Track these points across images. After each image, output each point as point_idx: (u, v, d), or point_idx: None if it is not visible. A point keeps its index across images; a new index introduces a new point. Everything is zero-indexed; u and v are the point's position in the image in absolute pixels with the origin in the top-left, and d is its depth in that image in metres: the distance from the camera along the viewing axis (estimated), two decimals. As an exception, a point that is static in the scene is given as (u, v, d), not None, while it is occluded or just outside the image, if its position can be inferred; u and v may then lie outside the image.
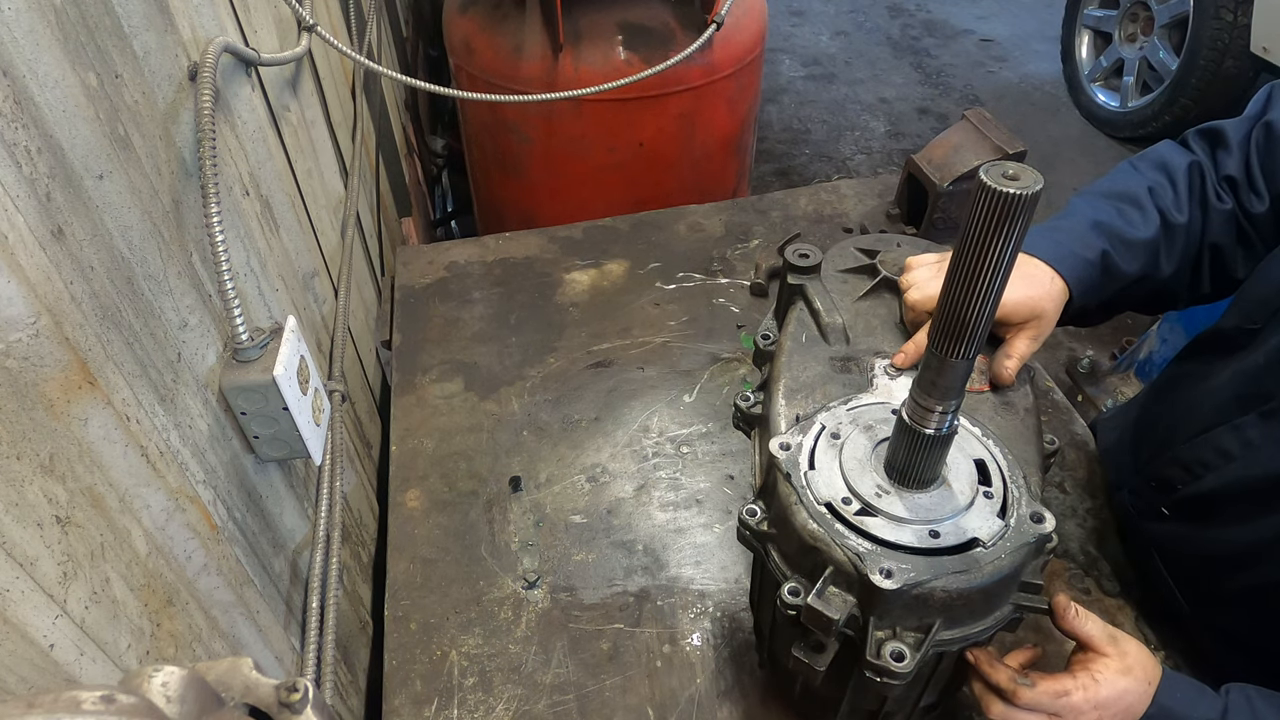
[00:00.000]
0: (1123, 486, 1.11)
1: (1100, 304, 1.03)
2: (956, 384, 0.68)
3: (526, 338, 1.48)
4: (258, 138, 1.06)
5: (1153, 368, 2.75)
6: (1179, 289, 1.06)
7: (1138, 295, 1.05)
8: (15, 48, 0.57)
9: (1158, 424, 1.10)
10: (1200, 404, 1.00)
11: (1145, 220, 1.03)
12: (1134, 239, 1.01)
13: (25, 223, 0.56)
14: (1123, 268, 1.01)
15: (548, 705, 1.01)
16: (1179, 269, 1.03)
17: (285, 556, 1.01)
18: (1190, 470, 0.97)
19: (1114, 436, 1.21)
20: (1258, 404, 0.90)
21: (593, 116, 2.08)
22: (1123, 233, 1.02)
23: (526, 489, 1.24)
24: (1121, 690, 0.80)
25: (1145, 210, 1.03)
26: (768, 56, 4.42)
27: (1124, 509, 1.10)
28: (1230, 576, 0.93)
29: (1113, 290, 1.02)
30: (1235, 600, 0.94)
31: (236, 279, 0.83)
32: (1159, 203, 1.03)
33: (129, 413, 0.67)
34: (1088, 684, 0.80)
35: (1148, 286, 1.04)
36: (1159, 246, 1.02)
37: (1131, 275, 1.01)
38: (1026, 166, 0.56)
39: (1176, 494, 0.99)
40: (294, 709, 0.41)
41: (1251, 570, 0.90)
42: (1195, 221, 1.03)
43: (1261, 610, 0.91)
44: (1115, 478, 1.17)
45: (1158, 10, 3.93)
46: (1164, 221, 1.02)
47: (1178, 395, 1.09)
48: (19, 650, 0.52)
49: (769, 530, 0.80)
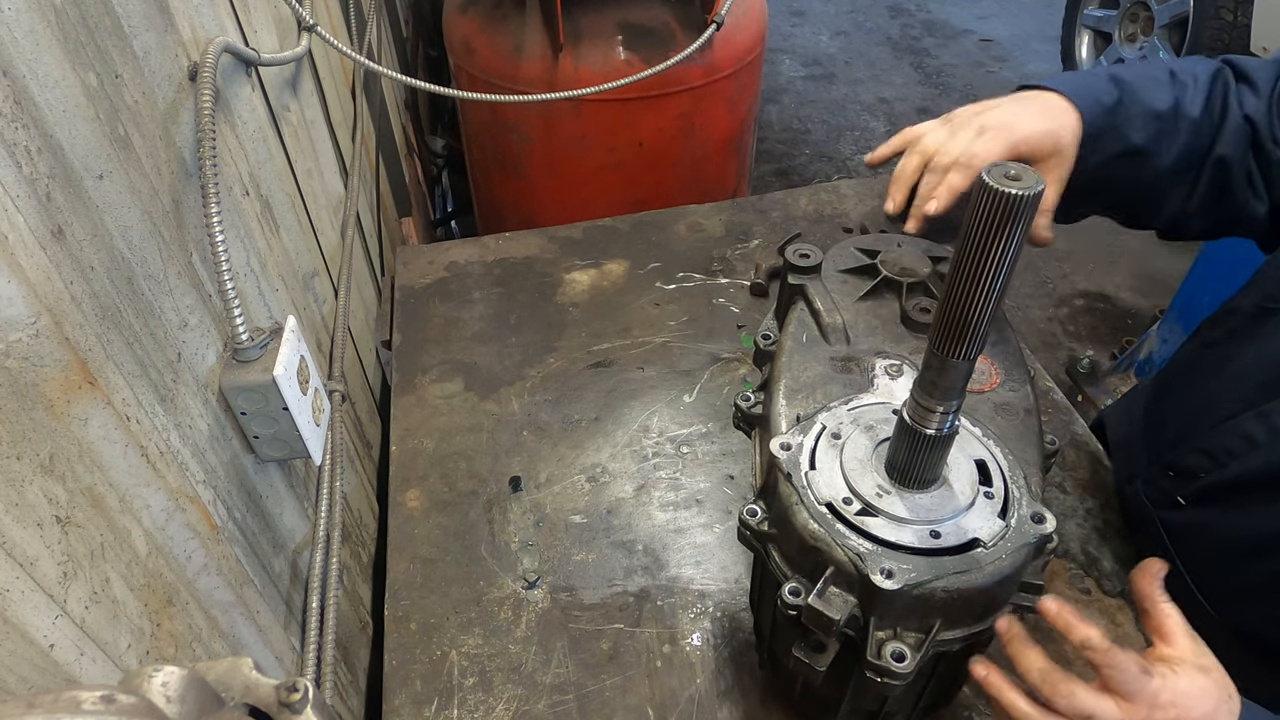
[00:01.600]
0: (1134, 478, 1.09)
1: (1097, 169, 0.98)
2: (957, 384, 0.67)
3: (526, 338, 1.48)
4: (258, 138, 1.06)
5: (1152, 367, 2.75)
6: (1169, 192, 1.01)
7: (1129, 176, 1.00)
8: (15, 48, 0.57)
9: (1173, 412, 1.08)
10: (1222, 390, 0.98)
11: (1163, 94, 0.99)
12: (1149, 105, 0.98)
13: (25, 223, 0.56)
14: (1133, 129, 0.97)
15: (548, 705, 1.01)
16: (1177, 166, 0.99)
17: (285, 556, 1.01)
18: (1213, 458, 0.95)
19: (1122, 428, 1.20)
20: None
21: (593, 116, 2.08)
22: (1139, 94, 0.98)
23: (526, 489, 1.24)
24: (1202, 689, 0.71)
25: (1163, 87, 0.99)
26: (768, 56, 4.43)
27: (1136, 500, 1.08)
28: (1250, 565, 0.92)
29: (1115, 150, 0.97)
30: (1254, 590, 0.93)
31: (236, 279, 0.83)
32: (1177, 89, 0.99)
33: (129, 413, 0.67)
34: (1165, 673, 0.71)
35: (1143, 170, 0.99)
36: (1167, 128, 0.98)
37: (1136, 143, 0.97)
38: (1027, 167, 0.56)
39: (1198, 482, 0.97)
40: (294, 709, 0.41)
41: (1273, 559, 0.89)
42: (1207, 123, 0.98)
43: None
44: (1126, 469, 1.15)
45: (1158, 10, 3.93)
46: (1178, 107, 0.98)
47: (1194, 381, 1.06)
48: (19, 650, 0.52)
49: (769, 530, 0.80)
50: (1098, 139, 0.96)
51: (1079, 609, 0.77)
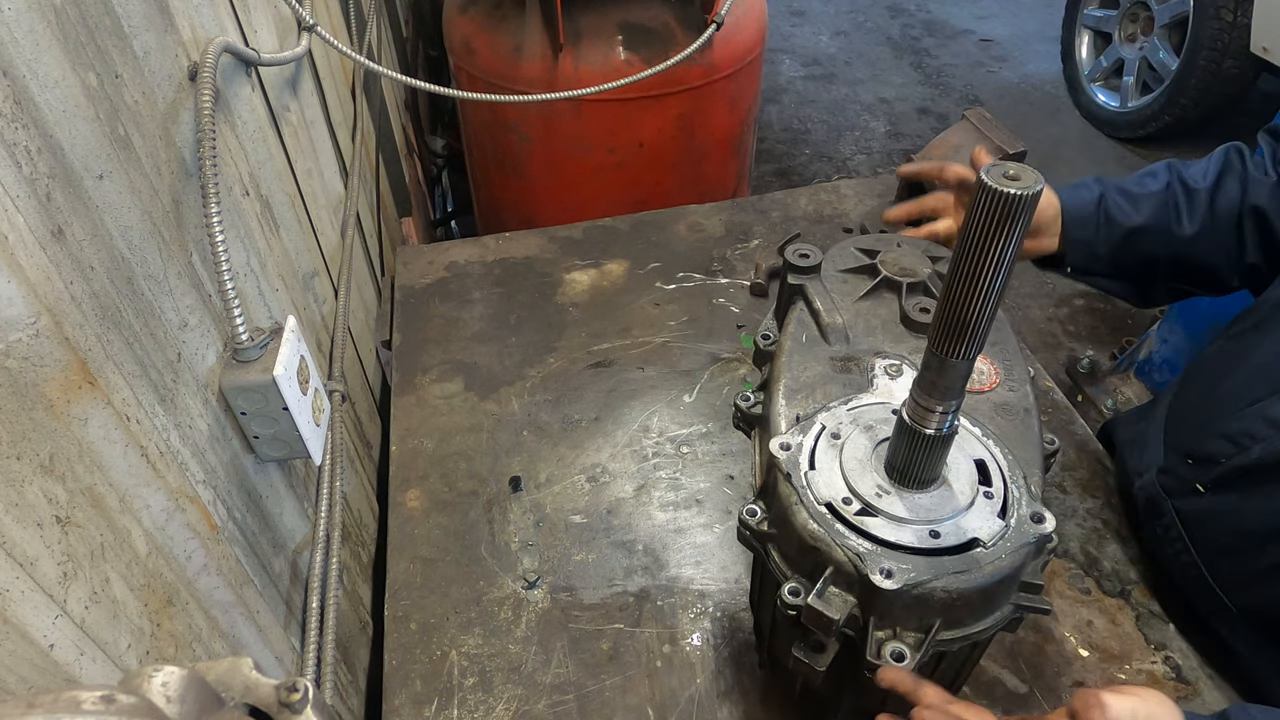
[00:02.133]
0: (1147, 470, 1.10)
1: (1112, 253, 1.12)
2: (957, 384, 0.68)
3: (526, 338, 1.48)
4: (258, 138, 1.06)
5: (1153, 367, 2.75)
6: (1214, 256, 1.11)
7: (1157, 252, 1.12)
8: (15, 48, 0.57)
9: (1197, 403, 1.09)
10: (1246, 378, 1.00)
11: (1155, 180, 1.12)
12: (1138, 192, 1.12)
13: (25, 223, 0.56)
14: (1125, 214, 1.11)
15: (548, 705, 1.01)
16: (1206, 232, 1.09)
17: (285, 556, 1.01)
18: (1236, 442, 0.96)
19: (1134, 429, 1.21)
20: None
21: (593, 116, 2.08)
22: (1125, 186, 1.13)
23: (526, 489, 1.24)
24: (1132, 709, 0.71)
25: (1158, 175, 1.13)
26: (768, 56, 4.43)
27: (1148, 492, 1.09)
28: (1268, 549, 0.92)
29: (1118, 235, 1.11)
30: (1271, 574, 0.93)
31: (236, 279, 0.83)
32: (1177, 172, 1.12)
33: (129, 413, 0.67)
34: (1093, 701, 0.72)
35: (1168, 243, 1.11)
36: (1172, 204, 1.10)
37: (1134, 224, 1.10)
38: (1027, 166, 0.56)
39: (1219, 468, 0.98)
40: (294, 709, 0.41)
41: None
42: (1229, 187, 1.09)
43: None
44: (1138, 463, 1.15)
45: (1158, 10, 3.93)
46: (1181, 184, 1.10)
47: (1219, 372, 1.08)
48: (19, 650, 0.52)
49: (769, 530, 0.80)
50: (1087, 226, 1.12)
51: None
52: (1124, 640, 1.05)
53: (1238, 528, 0.97)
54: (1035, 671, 1.02)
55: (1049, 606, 0.76)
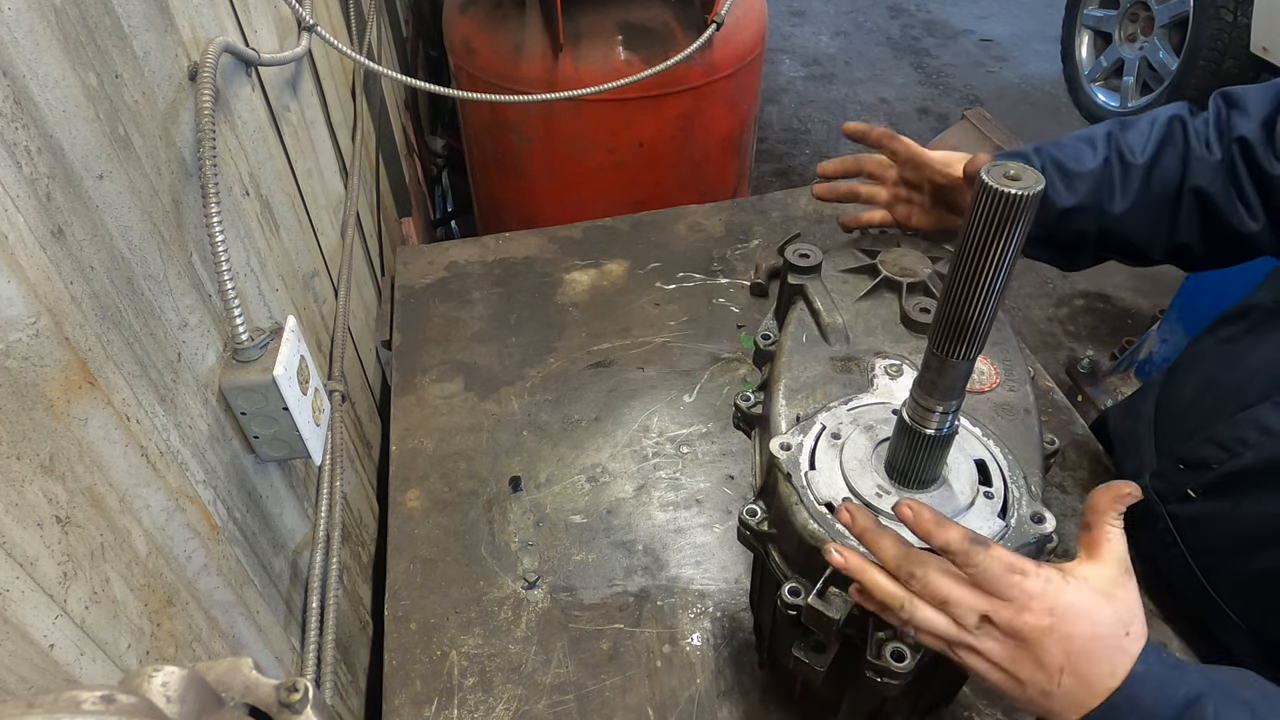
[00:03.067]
0: (1140, 473, 1.09)
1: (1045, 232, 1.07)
2: (957, 384, 0.68)
3: (526, 338, 1.48)
4: (258, 138, 1.06)
5: (1152, 367, 2.75)
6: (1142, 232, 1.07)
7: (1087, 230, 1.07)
8: (15, 48, 0.57)
9: (1185, 406, 1.09)
10: (1238, 383, 0.99)
11: (1093, 154, 1.06)
12: (1074, 169, 1.06)
13: (25, 223, 0.56)
14: (1057, 195, 1.05)
15: (548, 705, 1.01)
16: (1138, 208, 1.04)
17: (285, 556, 1.01)
18: (1227, 449, 0.95)
19: (1127, 425, 1.20)
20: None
21: (593, 116, 2.08)
22: (1064, 161, 1.06)
23: (526, 489, 1.24)
24: (1092, 610, 0.63)
25: (1097, 147, 1.07)
26: (768, 56, 4.43)
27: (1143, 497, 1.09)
28: (1262, 554, 0.92)
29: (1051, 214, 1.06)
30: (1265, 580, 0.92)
31: (236, 279, 0.83)
32: (1116, 143, 1.06)
33: (129, 413, 0.67)
34: (1052, 577, 0.64)
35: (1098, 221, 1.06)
36: (1107, 180, 1.05)
37: (1068, 205, 1.05)
38: (1027, 166, 0.56)
39: (1210, 474, 0.97)
40: (294, 709, 0.41)
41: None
42: (1166, 162, 1.03)
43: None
44: (1130, 466, 1.15)
45: (1158, 10, 3.93)
46: (1119, 158, 1.05)
47: (1209, 376, 1.07)
48: (19, 650, 0.52)
49: (769, 530, 0.80)
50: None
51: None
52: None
53: (1231, 533, 0.96)
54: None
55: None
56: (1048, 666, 0.63)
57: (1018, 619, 0.63)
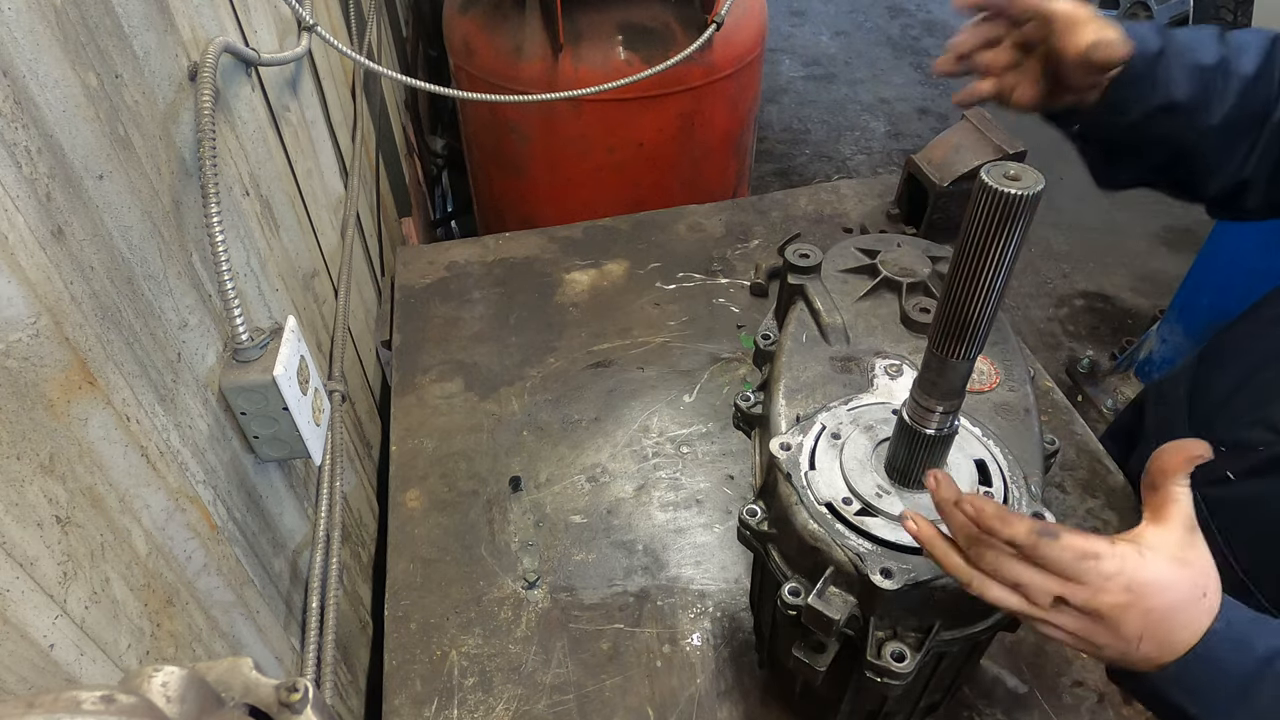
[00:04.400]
0: None
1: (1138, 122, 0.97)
2: (957, 384, 0.68)
3: (526, 338, 1.48)
4: (258, 138, 1.06)
5: (1153, 367, 2.75)
6: (1217, 154, 0.99)
7: (1172, 134, 0.99)
8: (15, 48, 0.57)
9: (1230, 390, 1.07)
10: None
11: (1208, 50, 0.97)
12: (1192, 60, 0.96)
13: (25, 223, 0.56)
14: (1173, 82, 0.96)
15: (548, 705, 1.01)
16: (1228, 126, 0.97)
17: (285, 556, 1.01)
18: (1277, 430, 0.94)
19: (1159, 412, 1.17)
20: None
21: (593, 116, 2.08)
22: (1184, 47, 0.96)
23: (526, 489, 1.24)
24: (1169, 581, 0.62)
25: (1210, 44, 0.98)
26: (768, 56, 4.42)
27: None
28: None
29: (1155, 104, 0.96)
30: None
31: (236, 279, 0.83)
32: (1227, 46, 0.98)
33: (129, 413, 0.67)
34: (1127, 555, 0.62)
35: (1187, 128, 0.98)
36: (1214, 83, 0.96)
37: (1176, 98, 0.96)
38: (1027, 167, 0.56)
39: (1255, 456, 0.96)
40: (294, 709, 0.40)
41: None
42: (1262, 87, 0.96)
43: None
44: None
45: (1158, 10, 3.93)
46: (1226, 63, 0.96)
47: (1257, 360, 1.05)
48: (19, 650, 0.52)
49: (769, 530, 0.80)
50: (1138, 86, 0.95)
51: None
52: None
53: (1269, 517, 0.95)
54: (1035, 671, 1.02)
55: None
56: (1126, 636, 0.63)
57: (1095, 600, 0.62)
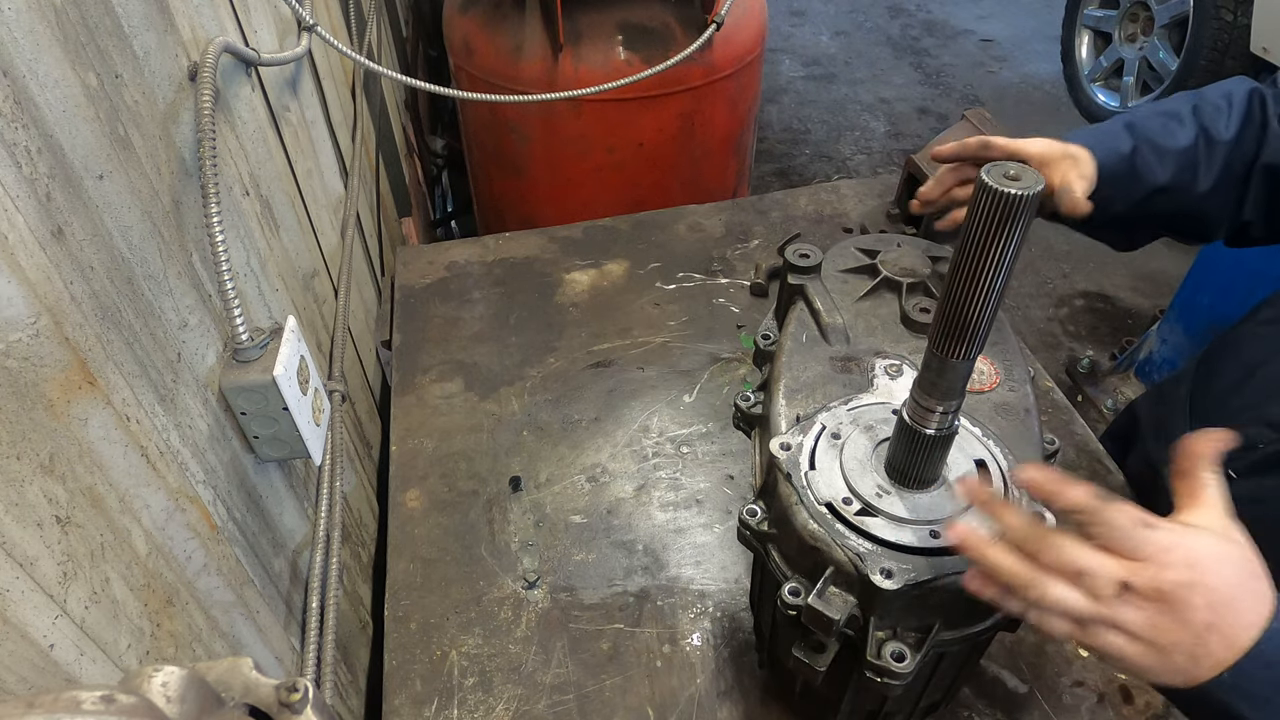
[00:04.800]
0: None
1: (1129, 210, 1.05)
2: (957, 384, 0.68)
3: (526, 338, 1.48)
4: (258, 138, 1.06)
5: (1153, 368, 2.75)
6: (1216, 211, 1.06)
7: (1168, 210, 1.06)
8: (15, 48, 0.57)
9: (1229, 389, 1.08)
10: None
11: (1183, 131, 1.04)
12: (1167, 146, 1.03)
13: (25, 223, 0.56)
14: (1152, 173, 1.03)
15: (548, 705, 1.01)
16: (1219, 187, 1.03)
17: (285, 556, 1.01)
18: (1277, 428, 0.95)
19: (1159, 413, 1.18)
20: None
21: (593, 116, 2.08)
22: (1156, 138, 1.04)
23: (526, 489, 1.24)
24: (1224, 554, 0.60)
25: (1185, 123, 1.05)
26: (768, 56, 4.43)
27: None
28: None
29: (1140, 194, 1.04)
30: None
31: (236, 279, 0.83)
32: (1202, 119, 1.05)
33: (129, 413, 0.67)
34: (1178, 528, 0.61)
35: (1181, 201, 1.05)
36: (1196, 158, 1.03)
37: (1160, 183, 1.03)
38: (1027, 167, 0.56)
39: (1256, 454, 0.97)
40: (294, 709, 0.40)
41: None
42: (1246, 141, 1.03)
43: None
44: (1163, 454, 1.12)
45: (1158, 10, 3.93)
46: (1205, 135, 1.04)
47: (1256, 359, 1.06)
48: (19, 650, 0.52)
49: (769, 530, 0.80)
50: (1118, 182, 1.03)
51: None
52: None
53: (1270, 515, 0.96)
54: (1035, 671, 1.02)
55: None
56: (1193, 625, 0.59)
57: (1160, 577, 0.58)
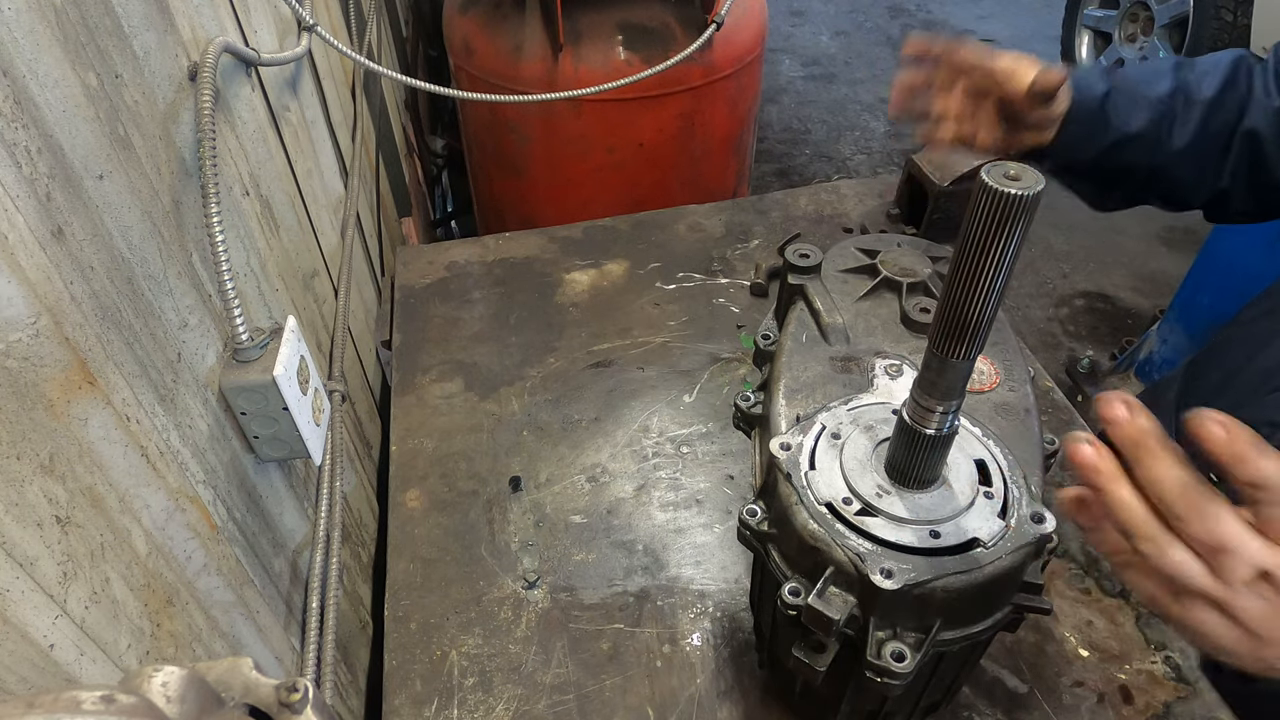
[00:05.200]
0: None
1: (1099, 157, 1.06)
2: (957, 384, 0.67)
3: (526, 338, 1.48)
4: (258, 138, 1.06)
5: (1152, 367, 2.75)
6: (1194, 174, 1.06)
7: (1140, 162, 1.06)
8: (15, 48, 0.57)
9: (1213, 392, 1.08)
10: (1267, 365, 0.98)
11: (1161, 82, 1.05)
12: (1142, 94, 1.04)
13: (25, 223, 0.56)
14: (1123, 118, 1.04)
15: (548, 705, 1.01)
16: (1195, 146, 1.03)
17: (285, 556, 1.01)
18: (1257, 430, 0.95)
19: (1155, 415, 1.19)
20: None
21: (593, 116, 2.08)
22: (1132, 84, 1.05)
23: (526, 489, 1.24)
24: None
25: (1164, 77, 1.06)
26: (768, 56, 4.42)
27: None
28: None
29: (1110, 139, 1.05)
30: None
31: (236, 279, 0.83)
32: (1182, 76, 1.05)
33: (129, 413, 0.67)
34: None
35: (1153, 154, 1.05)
36: (1170, 112, 1.04)
37: (1130, 130, 1.04)
38: (1027, 166, 0.56)
39: None
40: (294, 709, 0.40)
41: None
42: (1227, 103, 1.03)
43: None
44: None
45: (1158, 10, 3.93)
46: (1183, 92, 1.04)
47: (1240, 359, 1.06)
48: (19, 650, 0.52)
49: (769, 530, 0.80)
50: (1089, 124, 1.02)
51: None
52: (1124, 640, 1.05)
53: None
54: (1035, 671, 1.02)
55: (1049, 606, 0.76)
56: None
57: None
